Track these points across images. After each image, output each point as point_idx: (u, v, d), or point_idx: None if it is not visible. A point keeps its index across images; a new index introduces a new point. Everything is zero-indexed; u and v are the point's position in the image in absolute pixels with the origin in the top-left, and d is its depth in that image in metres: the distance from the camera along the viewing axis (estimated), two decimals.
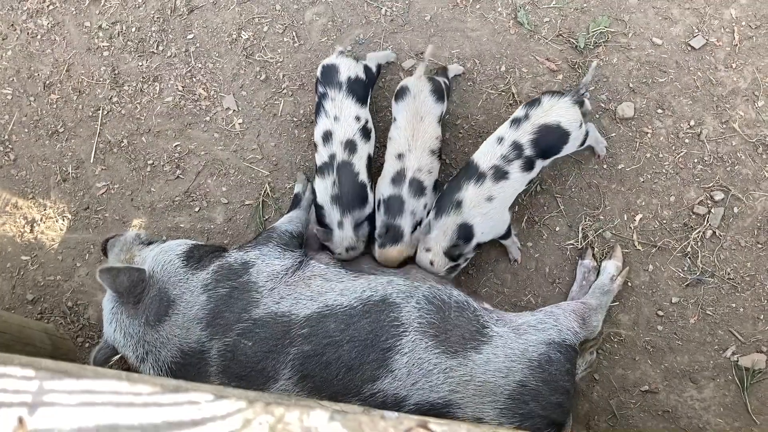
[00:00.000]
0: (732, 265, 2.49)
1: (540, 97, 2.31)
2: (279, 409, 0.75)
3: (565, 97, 2.28)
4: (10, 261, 2.74)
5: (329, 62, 2.43)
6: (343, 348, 2.04)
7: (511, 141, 2.27)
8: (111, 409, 0.77)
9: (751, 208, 2.51)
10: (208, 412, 0.77)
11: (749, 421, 2.43)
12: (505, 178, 2.26)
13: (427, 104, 2.35)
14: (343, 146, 2.34)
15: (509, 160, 2.26)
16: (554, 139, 2.28)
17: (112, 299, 2.19)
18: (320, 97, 2.41)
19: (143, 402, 0.77)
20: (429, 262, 2.30)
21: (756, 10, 2.58)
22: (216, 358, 2.08)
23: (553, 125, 2.27)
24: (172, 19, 2.78)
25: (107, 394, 0.78)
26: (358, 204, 2.34)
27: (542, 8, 2.66)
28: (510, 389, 2.06)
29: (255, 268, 2.20)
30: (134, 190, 2.73)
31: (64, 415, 0.76)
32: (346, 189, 2.32)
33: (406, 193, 2.31)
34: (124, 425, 0.74)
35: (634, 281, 2.52)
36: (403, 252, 2.35)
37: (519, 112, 2.32)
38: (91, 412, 0.76)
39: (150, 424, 0.75)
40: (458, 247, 2.26)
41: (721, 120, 2.54)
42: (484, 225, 2.28)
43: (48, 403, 0.77)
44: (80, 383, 0.78)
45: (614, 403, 2.50)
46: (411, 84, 2.37)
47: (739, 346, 2.47)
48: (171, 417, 0.76)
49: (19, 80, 2.81)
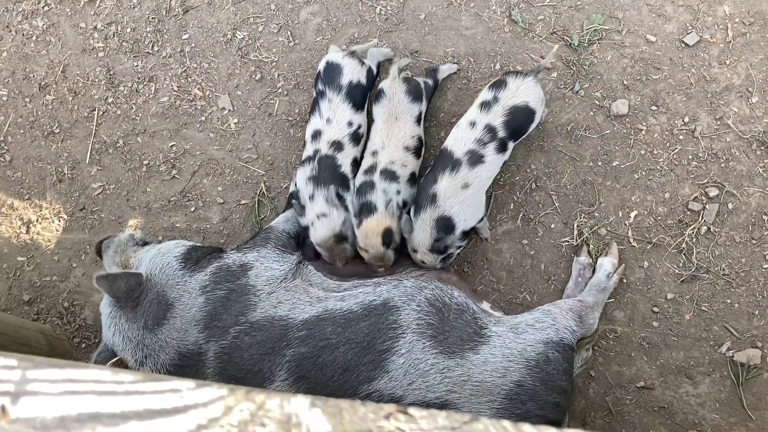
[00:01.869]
0: (727, 261, 2.49)
1: (504, 79, 2.32)
2: (260, 396, 0.75)
3: (529, 77, 2.30)
4: (6, 262, 2.75)
5: (335, 60, 2.41)
6: (339, 350, 2.05)
7: (484, 124, 2.27)
8: (93, 397, 0.77)
9: (745, 204, 2.51)
10: (189, 399, 0.77)
11: (745, 417, 2.43)
12: (481, 162, 2.26)
13: (402, 104, 2.35)
14: (329, 145, 2.34)
15: (484, 143, 2.26)
16: (523, 119, 2.31)
17: (110, 303, 2.17)
18: (318, 94, 2.41)
19: (125, 390, 0.78)
20: (421, 261, 2.30)
21: (749, 7, 2.58)
22: (213, 360, 2.08)
23: (522, 105, 2.29)
24: (167, 20, 2.79)
25: (89, 382, 0.78)
26: (335, 183, 2.30)
27: (536, 6, 2.66)
28: (507, 389, 2.06)
29: (253, 271, 2.20)
30: (130, 191, 2.74)
31: (46, 404, 0.77)
32: (324, 173, 2.30)
33: (377, 178, 2.28)
34: (106, 413, 0.75)
35: (629, 278, 2.52)
36: (381, 222, 2.25)
37: (486, 95, 2.33)
38: (74, 401, 0.76)
39: (132, 412, 0.75)
40: (442, 240, 2.24)
41: (715, 116, 2.55)
42: (464, 212, 2.26)
43: (30, 392, 0.78)
44: (63, 372, 0.79)
45: (610, 400, 2.50)
46: (386, 86, 2.38)
47: (734, 342, 2.47)
48: (153, 405, 0.77)
49: (15, 81, 2.82)
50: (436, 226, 2.23)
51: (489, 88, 2.34)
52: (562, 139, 2.60)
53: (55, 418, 0.74)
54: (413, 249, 2.29)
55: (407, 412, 0.72)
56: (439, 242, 2.25)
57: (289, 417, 0.73)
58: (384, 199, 2.27)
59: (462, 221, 2.27)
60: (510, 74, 2.34)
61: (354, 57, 2.43)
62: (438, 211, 2.23)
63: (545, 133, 2.60)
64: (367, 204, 2.26)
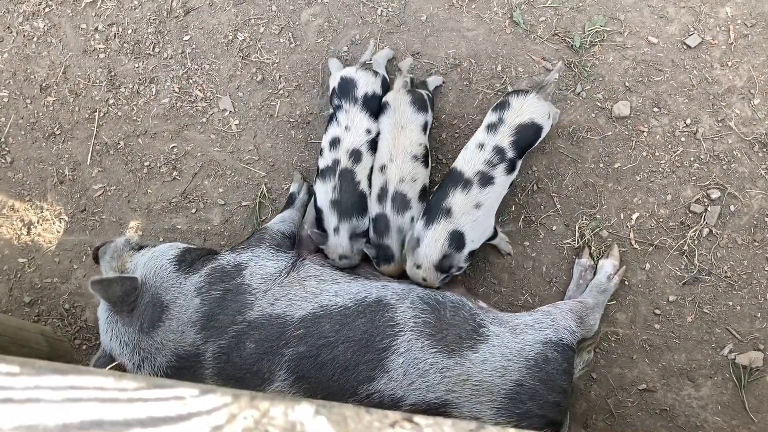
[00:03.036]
0: (729, 263, 2.49)
1: (506, 100, 2.33)
2: (264, 404, 0.75)
3: (531, 94, 2.31)
4: (7, 263, 2.74)
5: (348, 76, 2.42)
6: (338, 348, 2.04)
7: (492, 146, 2.27)
8: (96, 404, 0.76)
9: (747, 206, 2.50)
10: (193, 407, 0.76)
11: (747, 419, 2.43)
12: (491, 183, 2.26)
13: (407, 115, 2.36)
14: (348, 154, 2.34)
15: (493, 164, 2.26)
16: (530, 135, 2.31)
17: (107, 308, 2.18)
18: (335, 109, 2.42)
19: (128, 397, 0.77)
20: (421, 279, 2.27)
21: (751, 8, 2.58)
22: (211, 361, 2.08)
23: (528, 123, 2.29)
24: (168, 21, 2.78)
25: (92, 389, 0.78)
26: (356, 212, 2.33)
27: (538, 8, 2.66)
28: (507, 389, 2.06)
29: (248, 270, 2.20)
30: (131, 192, 2.73)
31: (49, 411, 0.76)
32: (345, 196, 2.32)
33: (389, 211, 2.31)
34: (109, 421, 0.74)
35: (631, 280, 2.52)
36: (399, 268, 2.35)
37: (491, 117, 2.33)
38: (76, 408, 0.76)
39: (135, 420, 0.75)
40: (450, 257, 2.23)
41: (717, 118, 2.54)
42: (474, 232, 2.26)
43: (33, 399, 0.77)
44: (65, 379, 0.78)
45: (612, 402, 2.49)
46: (390, 99, 2.40)
47: (736, 344, 2.46)
48: (156, 412, 0.76)
49: (16, 83, 2.81)
50: (449, 238, 2.21)
51: (493, 110, 2.35)
52: (563, 141, 2.59)
53: (57, 426, 0.74)
54: (416, 265, 2.26)
55: (413, 420, 0.72)
56: (445, 260, 2.23)
57: (293, 425, 0.72)
58: (398, 241, 2.32)
59: (471, 240, 2.26)
60: (512, 94, 2.35)
61: (367, 70, 2.44)
62: (453, 225, 2.22)
63: (547, 135, 2.60)
64: (383, 249, 2.33)
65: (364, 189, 2.36)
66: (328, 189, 2.33)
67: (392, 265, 2.35)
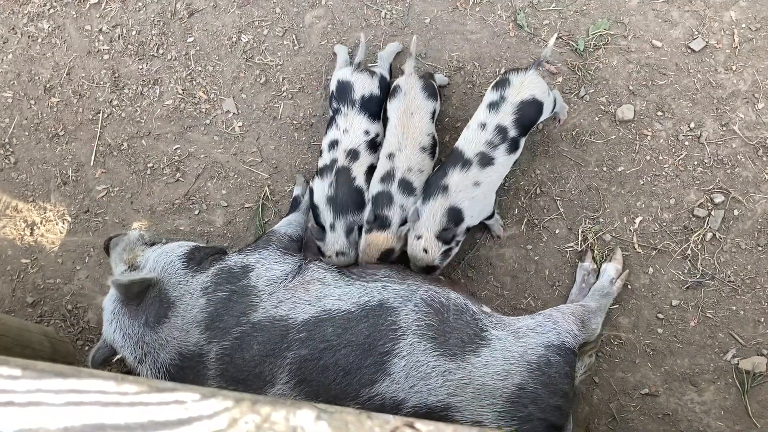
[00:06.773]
0: (732, 268, 2.48)
1: (507, 77, 2.31)
2: (265, 408, 0.74)
3: (531, 70, 2.29)
4: (10, 264, 2.75)
5: (344, 79, 2.42)
6: (340, 352, 2.04)
7: (494, 125, 2.27)
8: (98, 408, 0.76)
9: (751, 211, 2.50)
10: (194, 411, 0.76)
11: (750, 425, 2.42)
12: (491, 164, 2.26)
13: (418, 100, 2.35)
14: (345, 153, 2.35)
15: (494, 145, 2.26)
16: (533, 113, 2.30)
17: (115, 300, 2.18)
18: (334, 112, 2.43)
19: (129, 401, 0.77)
20: (422, 250, 2.26)
21: (756, 13, 2.57)
22: (214, 362, 2.08)
23: (529, 99, 2.27)
24: (172, 23, 2.78)
25: (94, 393, 0.77)
26: (352, 209, 2.33)
27: (542, 11, 2.65)
28: (509, 392, 2.05)
29: (255, 272, 2.21)
30: (134, 193, 2.74)
31: (50, 415, 0.76)
32: (341, 192, 2.32)
33: (395, 190, 2.30)
34: (111, 425, 0.74)
35: (634, 284, 2.51)
36: (388, 239, 2.31)
37: (492, 95, 2.31)
38: (78, 412, 0.76)
39: (136, 424, 0.75)
40: (449, 230, 2.24)
41: (721, 122, 2.54)
42: (473, 209, 2.27)
43: (34, 402, 0.77)
44: (67, 382, 0.78)
45: (614, 406, 2.48)
46: (402, 82, 2.37)
47: (739, 349, 2.45)
48: (157, 416, 0.76)
49: (20, 83, 2.82)
50: (446, 214, 2.23)
51: (493, 88, 2.33)
52: (566, 144, 2.59)
53: (59, 429, 0.74)
54: (418, 235, 2.26)
55: (413, 426, 0.72)
56: (446, 232, 2.24)
57: (294, 430, 0.72)
58: (400, 215, 2.31)
59: (470, 216, 2.27)
60: (511, 71, 2.33)
61: (363, 71, 2.43)
62: (449, 201, 2.23)
63: (550, 138, 2.59)
64: (382, 218, 2.30)
65: (360, 185, 2.36)
66: (325, 186, 2.34)
67: (384, 234, 2.30)
